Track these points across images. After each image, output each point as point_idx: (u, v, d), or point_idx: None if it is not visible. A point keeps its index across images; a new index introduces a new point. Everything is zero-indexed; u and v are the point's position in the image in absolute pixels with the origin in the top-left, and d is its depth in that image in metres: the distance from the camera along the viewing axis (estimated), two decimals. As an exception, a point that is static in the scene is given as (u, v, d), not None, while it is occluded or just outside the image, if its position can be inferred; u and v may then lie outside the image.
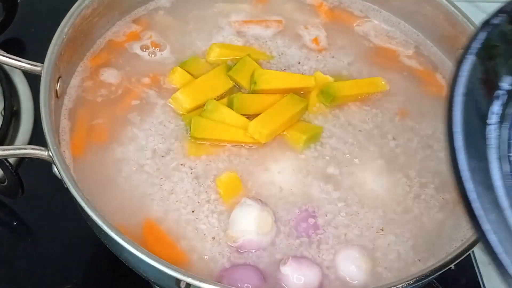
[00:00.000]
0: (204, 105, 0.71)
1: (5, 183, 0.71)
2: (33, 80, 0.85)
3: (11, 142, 0.81)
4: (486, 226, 0.41)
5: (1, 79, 0.83)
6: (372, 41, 0.83)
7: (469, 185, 0.42)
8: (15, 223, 0.77)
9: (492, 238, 0.41)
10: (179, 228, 0.64)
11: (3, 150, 0.64)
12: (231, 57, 0.76)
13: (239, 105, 0.71)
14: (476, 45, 0.47)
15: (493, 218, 0.41)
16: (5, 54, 0.69)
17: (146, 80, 0.75)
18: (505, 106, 0.46)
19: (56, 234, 0.75)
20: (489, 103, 0.46)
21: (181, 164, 0.69)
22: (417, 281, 0.57)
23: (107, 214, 0.63)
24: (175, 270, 0.55)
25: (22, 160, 0.80)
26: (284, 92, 0.73)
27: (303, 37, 0.81)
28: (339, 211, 0.66)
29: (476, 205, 0.41)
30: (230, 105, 0.71)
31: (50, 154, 0.62)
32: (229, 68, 0.75)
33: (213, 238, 0.64)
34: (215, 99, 0.72)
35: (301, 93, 0.74)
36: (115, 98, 0.73)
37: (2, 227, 0.77)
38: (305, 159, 0.70)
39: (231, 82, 0.74)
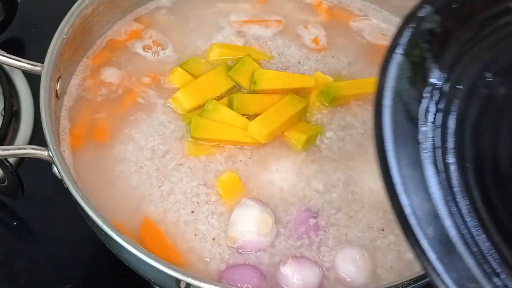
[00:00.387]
0: (204, 105, 0.71)
1: (5, 183, 0.71)
2: (33, 80, 0.85)
3: (11, 142, 0.81)
4: (424, 245, 0.39)
5: (1, 79, 0.83)
6: (372, 40, 0.83)
7: (404, 200, 0.39)
8: (15, 223, 0.77)
9: (434, 260, 0.38)
10: (179, 228, 0.64)
11: (3, 150, 0.64)
12: (231, 57, 0.76)
13: (239, 105, 0.71)
14: (402, 42, 0.45)
15: (431, 233, 0.39)
16: (5, 54, 0.69)
17: (147, 79, 0.75)
18: (437, 104, 0.43)
19: (56, 234, 0.75)
20: (420, 103, 0.43)
21: (180, 165, 0.69)
22: (416, 281, 0.57)
23: (107, 214, 0.63)
24: (175, 270, 0.55)
25: (22, 160, 0.80)
26: (284, 92, 0.73)
27: (303, 37, 0.81)
28: (340, 212, 0.66)
29: (412, 221, 0.39)
30: (230, 105, 0.71)
31: (50, 154, 0.62)
32: (229, 68, 0.75)
33: (213, 239, 0.64)
34: (215, 99, 0.72)
35: (301, 93, 0.74)
36: (116, 98, 0.73)
37: (2, 227, 0.77)
38: (305, 160, 0.70)
39: (231, 82, 0.74)
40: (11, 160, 0.71)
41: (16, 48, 0.91)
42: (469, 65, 0.45)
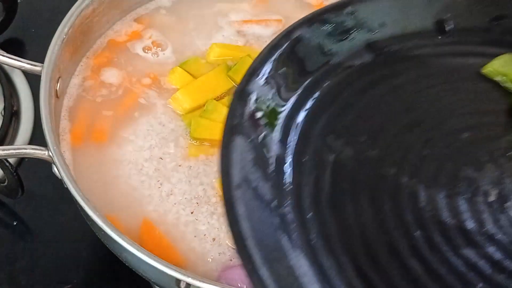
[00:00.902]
0: (204, 105, 0.71)
1: (5, 183, 0.71)
2: (33, 80, 0.85)
3: (11, 142, 0.81)
4: None
5: (1, 79, 0.82)
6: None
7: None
8: (15, 223, 0.77)
9: None
10: (179, 229, 0.64)
11: (3, 150, 0.64)
12: (231, 57, 0.76)
13: None
14: (238, 121, 0.40)
15: None
16: (5, 54, 0.69)
17: (147, 80, 0.75)
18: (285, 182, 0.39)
19: (56, 234, 0.75)
20: (267, 183, 0.39)
21: (180, 165, 0.68)
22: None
23: (107, 215, 0.63)
24: (175, 270, 0.55)
25: (22, 160, 0.79)
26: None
27: (303, 37, 0.81)
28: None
29: None
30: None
31: (50, 154, 0.62)
32: (229, 68, 0.75)
33: (213, 239, 0.64)
34: (215, 99, 0.72)
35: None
36: (116, 98, 0.73)
37: (2, 227, 0.77)
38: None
39: (231, 82, 0.74)
40: (11, 160, 0.71)
41: (16, 48, 0.91)
42: (307, 133, 0.41)
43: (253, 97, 0.42)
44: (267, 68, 0.43)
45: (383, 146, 0.41)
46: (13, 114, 0.81)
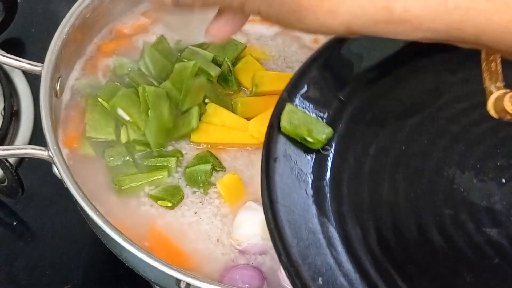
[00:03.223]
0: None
1: (5, 183, 0.71)
2: (33, 80, 0.85)
3: (11, 142, 0.80)
4: None
5: (1, 79, 0.82)
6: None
7: None
8: (15, 223, 0.77)
9: None
10: (182, 229, 0.64)
11: (3, 150, 0.64)
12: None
13: (243, 109, 0.71)
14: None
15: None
16: (5, 54, 0.69)
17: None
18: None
19: (56, 234, 0.75)
20: (306, 157, 0.43)
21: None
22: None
23: (107, 215, 0.63)
24: (175, 270, 0.55)
25: (22, 160, 0.79)
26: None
27: (304, 36, 0.81)
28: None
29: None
30: (234, 109, 0.71)
31: (50, 154, 0.62)
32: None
33: (217, 240, 0.64)
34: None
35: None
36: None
37: (2, 227, 0.77)
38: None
39: None
40: (11, 160, 0.71)
41: (16, 48, 0.91)
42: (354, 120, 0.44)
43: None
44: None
45: (427, 134, 0.43)
46: (13, 114, 0.81)
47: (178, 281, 0.55)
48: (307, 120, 0.44)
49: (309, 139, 0.43)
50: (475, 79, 0.43)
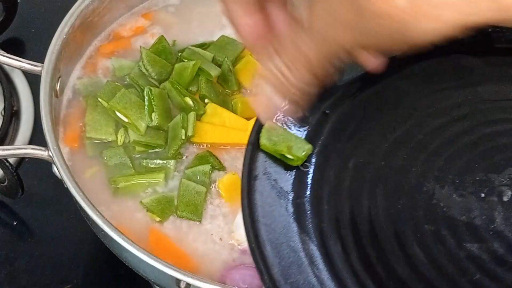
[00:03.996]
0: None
1: (5, 183, 0.71)
2: (33, 80, 0.85)
3: (11, 142, 0.80)
4: None
5: (1, 79, 0.82)
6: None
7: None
8: (15, 223, 0.77)
9: None
10: (182, 229, 0.64)
11: (3, 150, 0.64)
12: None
13: (243, 109, 0.71)
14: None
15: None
16: (5, 54, 0.69)
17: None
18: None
19: (56, 234, 0.75)
20: (287, 175, 0.42)
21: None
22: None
23: (107, 215, 0.63)
24: (175, 270, 0.54)
25: (22, 160, 0.79)
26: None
27: (304, 36, 0.81)
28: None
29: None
30: (234, 109, 0.71)
31: (50, 154, 0.62)
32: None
33: (220, 239, 0.64)
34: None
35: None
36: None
37: (2, 227, 0.77)
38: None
39: None
40: (11, 160, 0.71)
41: (16, 48, 0.91)
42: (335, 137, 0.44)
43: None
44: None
45: (407, 149, 0.43)
46: (13, 114, 0.81)
47: (178, 281, 0.55)
48: (286, 137, 0.43)
49: (289, 156, 0.43)
50: (456, 92, 0.43)
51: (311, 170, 0.43)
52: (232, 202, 0.66)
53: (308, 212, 0.41)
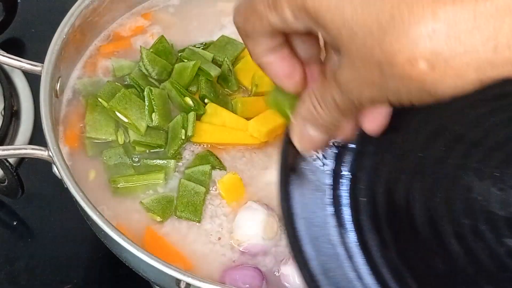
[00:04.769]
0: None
1: (5, 183, 0.71)
2: (33, 80, 0.85)
3: (11, 142, 0.80)
4: None
5: (1, 79, 0.82)
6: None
7: None
8: (15, 223, 0.77)
9: None
10: (181, 230, 0.64)
11: (3, 150, 0.64)
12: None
13: (243, 109, 0.71)
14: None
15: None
16: (5, 54, 0.69)
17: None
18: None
19: (56, 234, 0.75)
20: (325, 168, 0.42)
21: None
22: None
23: (107, 215, 0.63)
24: (175, 270, 0.54)
25: (22, 160, 0.79)
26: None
27: (304, 36, 0.81)
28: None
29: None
30: (234, 110, 0.71)
31: (50, 154, 0.62)
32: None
33: (219, 238, 0.64)
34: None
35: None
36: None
37: (2, 227, 0.77)
38: (305, 159, 0.70)
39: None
40: (11, 160, 0.71)
41: (16, 48, 0.91)
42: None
43: None
44: None
45: (445, 140, 0.43)
46: (13, 114, 0.81)
47: (178, 281, 0.55)
48: (291, 96, 0.44)
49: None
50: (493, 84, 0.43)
51: (347, 163, 0.42)
52: (231, 202, 0.66)
53: (345, 205, 0.41)
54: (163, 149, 0.68)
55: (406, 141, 0.43)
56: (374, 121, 0.42)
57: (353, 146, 0.43)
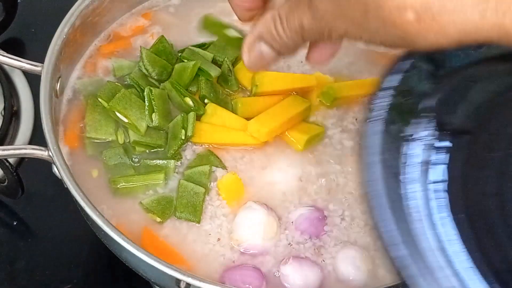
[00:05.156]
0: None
1: (5, 183, 0.71)
2: (33, 80, 0.85)
3: (11, 142, 0.81)
4: None
5: (1, 79, 0.83)
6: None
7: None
8: (15, 223, 0.77)
9: None
10: (181, 230, 0.64)
11: (3, 150, 0.64)
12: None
13: (243, 109, 0.71)
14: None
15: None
16: (5, 54, 0.69)
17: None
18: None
19: (56, 234, 0.75)
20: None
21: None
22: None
23: (107, 215, 0.63)
24: (175, 270, 0.55)
25: (22, 160, 0.79)
26: (286, 92, 0.73)
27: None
28: (341, 212, 0.66)
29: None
30: (234, 110, 0.71)
31: (50, 154, 0.62)
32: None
33: (218, 239, 0.64)
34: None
35: (302, 94, 0.74)
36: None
37: (2, 227, 0.77)
38: (306, 160, 0.70)
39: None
40: (11, 160, 0.71)
41: (16, 48, 0.91)
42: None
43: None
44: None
45: None
46: (13, 114, 0.82)
47: (178, 281, 0.55)
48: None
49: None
50: None
51: (441, 160, 0.42)
52: (231, 202, 0.66)
53: (441, 204, 0.40)
54: (163, 149, 0.68)
55: (506, 140, 0.43)
56: (324, 54, 0.42)
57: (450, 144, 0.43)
